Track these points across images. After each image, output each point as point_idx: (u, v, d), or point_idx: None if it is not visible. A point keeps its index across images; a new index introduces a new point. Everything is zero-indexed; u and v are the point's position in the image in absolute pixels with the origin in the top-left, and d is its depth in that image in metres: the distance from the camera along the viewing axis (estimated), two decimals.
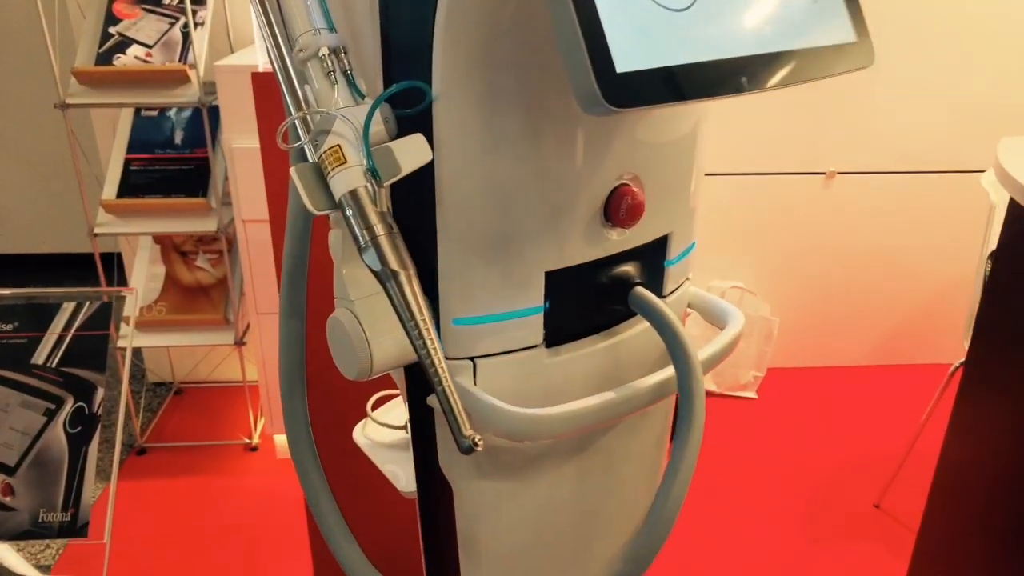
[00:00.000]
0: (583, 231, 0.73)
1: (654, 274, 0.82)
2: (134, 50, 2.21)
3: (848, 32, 0.68)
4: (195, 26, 2.19)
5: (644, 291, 0.76)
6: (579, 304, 0.78)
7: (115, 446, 1.52)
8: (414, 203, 0.69)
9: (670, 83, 0.54)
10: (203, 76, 2.17)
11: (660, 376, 0.77)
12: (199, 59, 2.18)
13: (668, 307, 0.75)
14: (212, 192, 2.29)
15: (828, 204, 2.76)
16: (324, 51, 0.67)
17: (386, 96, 0.62)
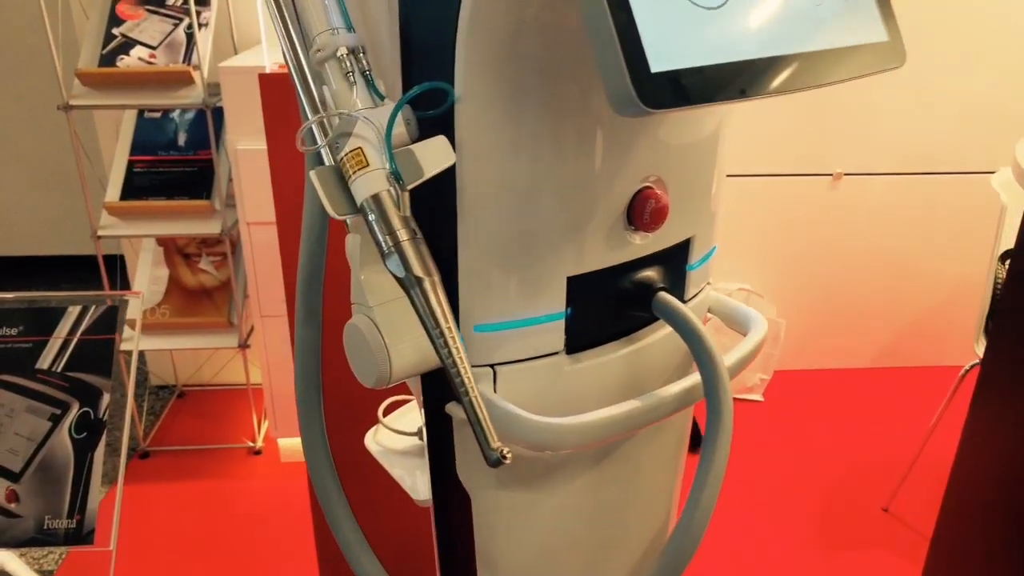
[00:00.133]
0: (606, 235, 0.72)
1: (676, 279, 0.81)
2: (137, 51, 2.19)
3: (880, 31, 0.66)
4: (199, 27, 2.17)
5: (668, 296, 0.74)
6: (601, 310, 0.76)
7: (121, 452, 1.50)
8: (433, 207, 0.67)
9: (705, 83, 0.52)
10: (207, 77, 2.16)
11: (685, 384, 0.75)
12: (203, 60, 2.16)
13: (693, 313, 0.73)
14: (216, 194, 2.27)
15: (835, 205, 2.74)
16: (342, 51, 0.65)
17: (409, 97, 0.60)
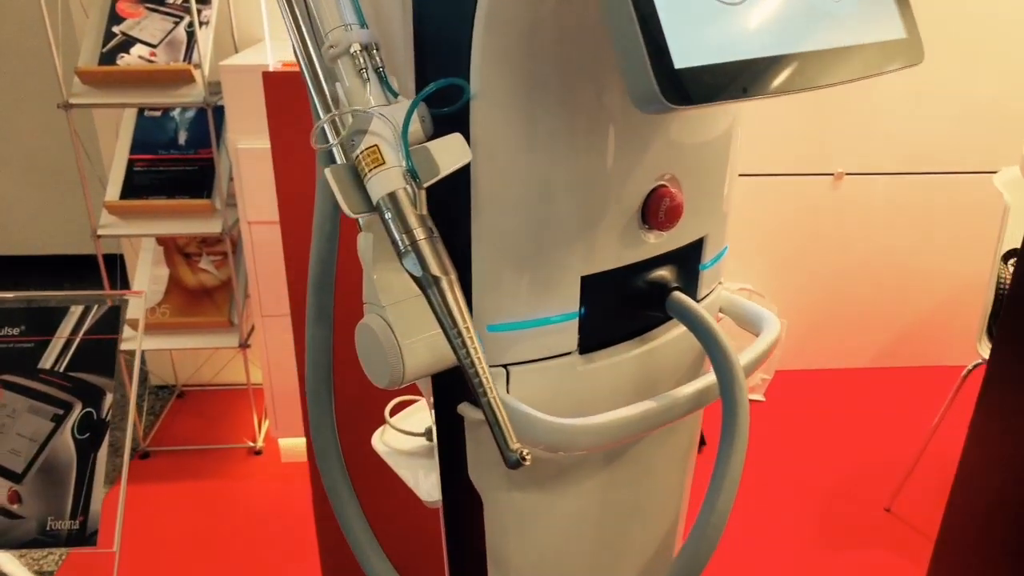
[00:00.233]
0: (620, 234, 0.71)
1: (689, 278, 0.80)
2: (138, 49, 2.18)
3: (898, 28, 0.66)
4: (200, 25, 2.16)
5: (682, 296, 0.74)
6: (614, 309, 0.75)
7: (124, 452, 1.49)
8: (446, 206, 0.67)
9: (728, 80, 0.52)
10: (207, 76, 2.15)
11: (699, 384, 0.75)
12: (204, 59, 2.15)
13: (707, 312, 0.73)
14: (216, 193, 2.26)
15: (836, 205, 2.74)
16: (356, 48, 0.65)
17: (426, 94, 0.59)
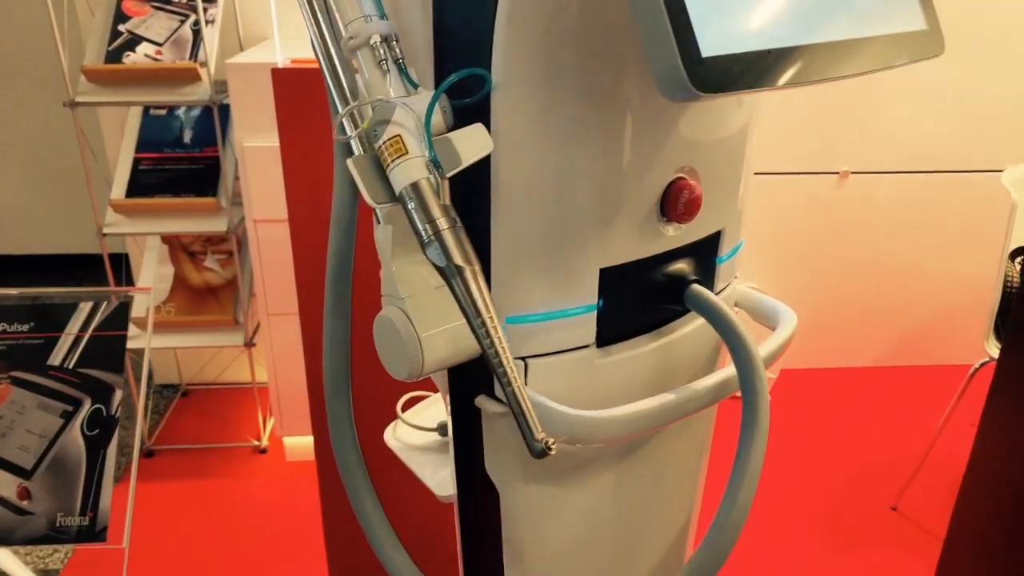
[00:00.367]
0: (639, 226, 0.71)
1: (706, 271, 0.80)
2: (144, 48, 2.18)
3: (919, 19, 0.66)
4: (206, 23, 2.16)
5: (701, 289, 0.74)
6: (632, 302, 0.75)
7: (134, 448, 1.49)
8: (465, 198, 0.67)
9: (754, 69, 0.52)
10: (213, 74, 2.15)
11: (718, 377, 0.75)
12: (210, 57, 2.15)
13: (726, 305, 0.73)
14: (222, 191, 2.26)
15: (841, 204, 2.74)
16: (376, 39, 0.65)
17: (449, 84, 0.59)
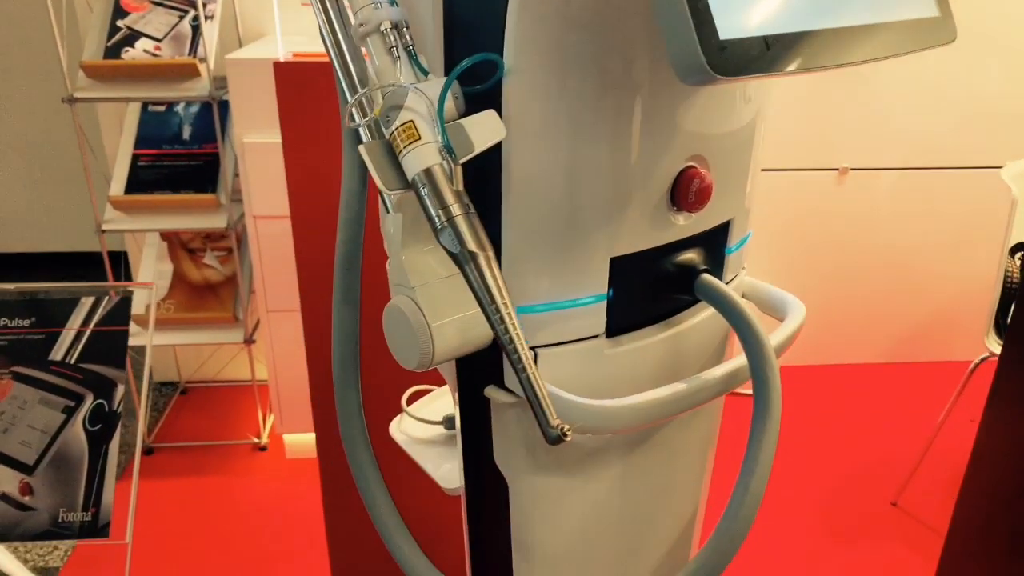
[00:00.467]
0: (650, 215, 0.71)
1: (715, 262, 0.80)
2: (143, 43, 2.17)
3: (931, 6, 0.65)
4: (205, 19, 2.15)
5: (712, 278, 0.73)
6: (642, 292, 0.75)
7: (136, 443, 1.48)
8: (475, 186, 0.66)
9: (771, 53, 0.51)
10: (213, 70, 2.14)
11: (729, 367, 0.74)
12: (209, 53, 2.14)
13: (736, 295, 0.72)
14: (222, 188, 2.25)
15: (841, 200, 2.74)
16: (386, 25, 0.64)
17: (462, 69, 0.59)
